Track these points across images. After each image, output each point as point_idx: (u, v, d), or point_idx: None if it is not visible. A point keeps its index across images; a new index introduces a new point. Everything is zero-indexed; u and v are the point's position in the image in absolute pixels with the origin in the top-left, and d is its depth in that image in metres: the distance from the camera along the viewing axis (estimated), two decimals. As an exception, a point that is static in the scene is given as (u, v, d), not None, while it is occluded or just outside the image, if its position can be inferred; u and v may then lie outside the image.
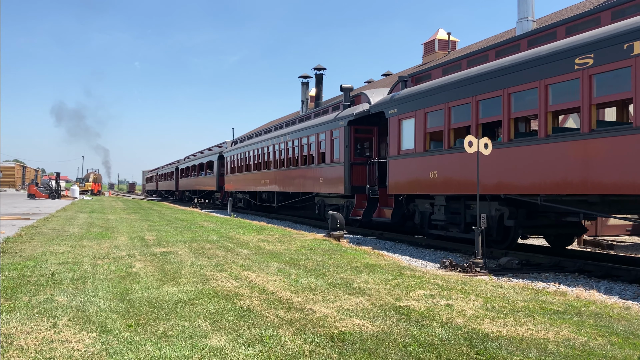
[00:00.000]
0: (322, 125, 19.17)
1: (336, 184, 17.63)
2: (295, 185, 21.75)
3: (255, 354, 4.39)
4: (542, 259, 10.53)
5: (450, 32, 34.34)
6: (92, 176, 79.07)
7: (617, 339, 4.90)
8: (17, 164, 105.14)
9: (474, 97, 11.16)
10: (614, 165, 8.38)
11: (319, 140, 19.42)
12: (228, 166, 34.29)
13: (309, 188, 20.24)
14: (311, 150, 20.21)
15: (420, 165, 12.97)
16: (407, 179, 13.61)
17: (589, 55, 8.76)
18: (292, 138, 22.30)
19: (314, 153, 19.83)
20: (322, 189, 18.87)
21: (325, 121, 18.91)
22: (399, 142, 13.88)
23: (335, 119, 17.99)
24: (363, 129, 17.36)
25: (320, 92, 42.47)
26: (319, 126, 19.52)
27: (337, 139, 17.83)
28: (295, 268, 8.81)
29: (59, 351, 4.37)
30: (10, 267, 8.28)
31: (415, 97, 13.17)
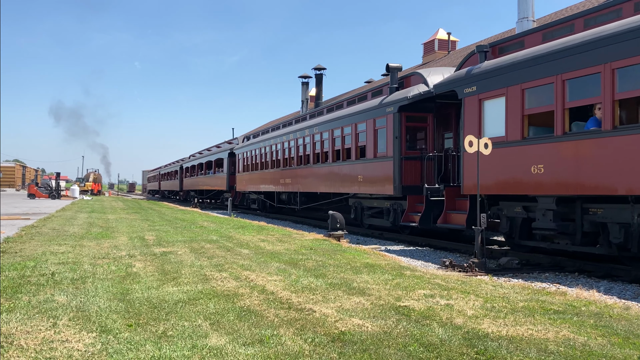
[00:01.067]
0: (361, 113, 16.26)
1: (382, 183, 14.89)
2: (325, 185, 19.02)
3: (255, 354, 4.39)
4: (542, 258, 10.53)
5: (450, 32, 34.35)
6: (92, 176, 79.06)
7: (617, 339, 4.90)
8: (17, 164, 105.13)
9: (608, 64, 8.30)
10: None
11: (356, 132, 16.55)
12: (240, 164, 31.46)
13: (343, 188, 17.48)
14: (346, 143, 17.45)
15: (515, 158, 10.08)
16: (494, 176, 10.58)
17: None
18: (320, 130, 19.37)
19: (351, 147, 16.99)
20: (361, 189, 16.19)
21: (366, 108, 15.94)
22: (479, 128, 10.99)
23: (381, 105, 15.02)
24: (416, 117, 14.49)
25: (320, 92, 42.45)
26: (357, 115, 16.57)
27: (382, 129, 14.96)
28: (295, 268, 8.81)
29: (59, 351, 4.37)
30: (10, 267, 8.28)
31: (509, 70, 10.25)
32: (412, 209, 14.05)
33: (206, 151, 43.62)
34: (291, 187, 22.67)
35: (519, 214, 10.50)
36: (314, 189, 20.11)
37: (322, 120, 19.57)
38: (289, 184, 22.82)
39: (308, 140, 20.70)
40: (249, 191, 29.79)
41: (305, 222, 22.07)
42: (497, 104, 10.65)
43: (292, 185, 22.59)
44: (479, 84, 11.08)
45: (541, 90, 9.72)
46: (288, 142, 23.09)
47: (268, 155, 25.95)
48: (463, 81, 11.60)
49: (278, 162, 24.44)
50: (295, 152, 22.12)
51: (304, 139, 21.10)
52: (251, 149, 29.02)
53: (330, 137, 18.62)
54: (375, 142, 15.37)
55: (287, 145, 23.27)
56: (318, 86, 42.51)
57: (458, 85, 11.80)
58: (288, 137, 23.14)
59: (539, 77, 9.67)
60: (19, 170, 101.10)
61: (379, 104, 15.19)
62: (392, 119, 14.43)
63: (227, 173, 34.19)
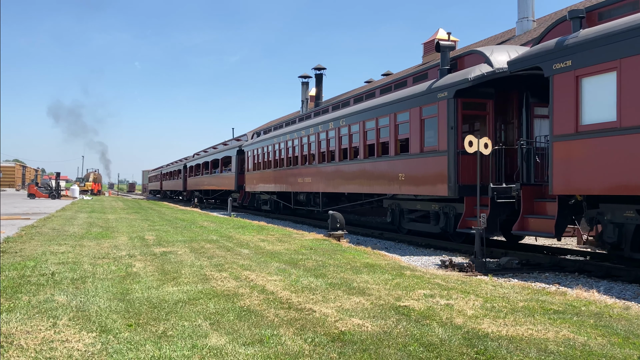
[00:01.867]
0: (403, 101, 13.93)
1: (431, 183, 12.67)
2: (354, 185, 16.75)
3: (255, 353, 4.39)
4: (542, 259, 10.53)
5: (450, 32, 34.33)
6: (92, 176, 79.04)
7: (617, 339, 4.90)
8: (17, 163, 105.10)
9: None
10: None
11: (395, 123, 14.26)
12: (250, 162, 29.02)
13: (379, 188, 15.22)
14: (382, 137, 15.10)
15: (634, 148, 8.11)
16: (597, 172, 8.66)
17: None
18: (349, 123, 17.00)
19: (388, 141, 14.66)
20: (402, 189, 13.94)
21: (409, 95, 13.64)
22: (576, 112, 9.08)
23: (430, 90, 12.74)
24: (474, 104, 12.23)
25: (320, 92, 42.48)
26: (396, 103, 14.26)
27: (432, 119, 12.72)
28: (295, 268, 8.81)
29: (59, 351, 4.37)
30: (10, 267, 8.28)
31: (626, 36, 8.25)
32: (471, 212, 11.68)
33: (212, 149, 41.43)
34: (311, 187, 20.36)
35: (631, 220, 8.52)
36: (339, 188, 17.90)
37: (350, 111, 17.13)
38: (309, 183, 20.48)
39: (332, 135, 18.28)
40: (260, 191, 27.62)
41: (305, 222, 22.06)
42: (602, 82, 8.70)
43: (312, 185, 20.24)
44: (576, 57, 9.08)
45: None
46: (307, 137, 20.55)
47: (283, 151, 23.57)
48: (552, 54, 9.53)
49: (295, 159, 22.03)
50: (317, 148, 19.66)
51: (327, 133, 18.70)
52: (263, 145, 26.69)
53: (361, 130, 16.18)
54: (422, 134, 13.09)
55: (306, 141, 20.76)
56: (318, 86, 42.53)
57: (545, 60, 9.64)
58: (307, 131, 20.55)
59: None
60: (19, 170, 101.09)
61: (428, 89, 12.82)
62: (445, 106, 12.13)
63: (236, 172, 31.80)
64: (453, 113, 11.99)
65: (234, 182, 31.99)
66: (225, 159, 35.75)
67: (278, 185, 24.21)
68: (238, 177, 31.49)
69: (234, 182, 31.89)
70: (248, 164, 29.50)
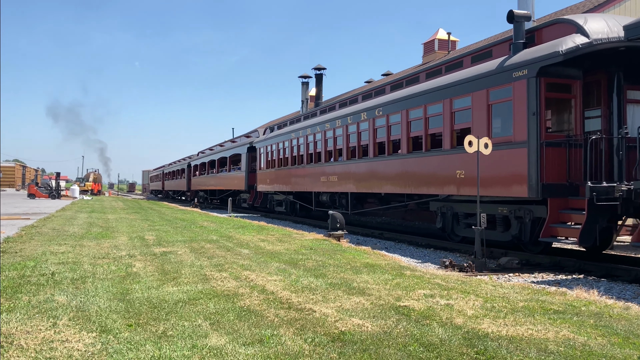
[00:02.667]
0: (462, 84, 11.66)
1: (505, 181, 10.52)
2: (394, 184, 14.47)
3: (255, 353, 4.39)
4: (542, 259, 10.53)
5: (450, 32, 34.33)
6: (92, 176, 79.06)
7: (617, 339, 4.90)
8: (17, 163, 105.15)
9: None
10: None
11: (451, 110, 12.09)
12: (262, 159, 26.67)
13: (430, 188, 12.88)
14: (431, 127, 12.93)
15: None
16: None
17: None
18: (387, 113, 14.74)
19: (442, 131, 12.49)
20: (461, 189, 11.69)
21: (472, 77, 11.39)
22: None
23: (502, 68, 10.51)
24: (559, 85, 10.17)
25: (320, 92, 42.47)
26: (452, 87, 11.98)
27: (503, 104, 10.60)
28: (295, 268, 8.82)
29: (59, 351, 4.37)
30: (10, 267, 8.28)
31: None
32: (557, 218, 9.81)
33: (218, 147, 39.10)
34: (336, 187, 18.01)
35: None
36: (373, 189, 15.62)
37: (387, 100, 14.86)
38: (334, 182, 18.21)
39: (365, 127, 15.99)
40: (275, 191, 25.29)
41: (305, 222, 22.06)
42: None
43: (338, 184, 17.90)
44: None
45: None
46: (333, 130, 18.25)
47: (302, 147, 21.25)
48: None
49: (318, 155, 19.79)
50: (345, 143, 17.37)
51: (359, 126, 16.37)
52: (278, 141, 24.27)
53: (403, 121, 13.92)
54: (489, 122, 10.93)
55: (331, 135, 18.47)
56: (318, 86, 42.52)
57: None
58: (333, 124, 18.27)
59: None
60: (19, 170, 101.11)
61: (499, 68, 10.63)
62: (524, 87, 9.99)
63: (246, 171, 29.47)
64: (535, 96, 9.85)
65: (243, 181, 29.70)
66: (234, 157, 33.67)
67: (296, 185, 21.99)
68: (248, 176, 29.25)
69: (244, 181, 29.54)
70: (260, 161, 27.09)
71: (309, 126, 20.63)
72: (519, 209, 10.69)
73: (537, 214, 10.27)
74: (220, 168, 36.90)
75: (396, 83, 15.53)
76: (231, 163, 34.39)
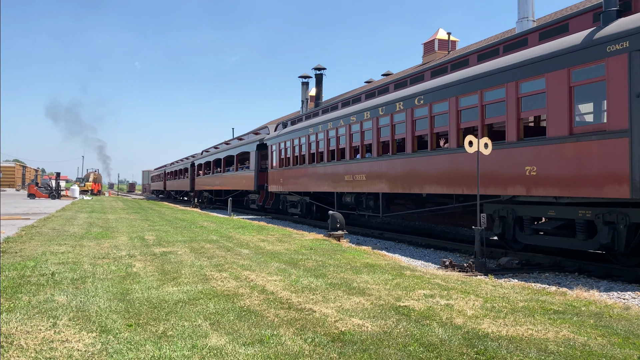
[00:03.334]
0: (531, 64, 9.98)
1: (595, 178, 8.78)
2: (440, 183, 12.51)
3: (255, 353, 4.39)
4: (542, 259, 10.53)
5: (450, 32, 34.36)
6: (92, 176, 79.06)
7: (617, 339, 4.90)
8: (17, 164, 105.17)
9: None
10: None
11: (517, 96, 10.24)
12: (274, 158, 24.97)
13: (488, 188, 10.87)
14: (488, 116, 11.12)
15: None
16: None
17: None
18: (430, 102, 12.82)
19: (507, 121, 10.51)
20: (532, 189, 9.90)
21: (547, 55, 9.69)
22: None
23: (591, 42, 8.92)
24: None
25: (320, 92, 42.50)
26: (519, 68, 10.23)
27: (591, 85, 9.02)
28: (295, 268, 8.81)
29: (59, 351, 4.37)
30: (10, 267, 8.28)
31: None
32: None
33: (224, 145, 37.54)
34: (365, 187, 16.26)
35: None
36: (413, 188, 13.67)
37: (429, 87, 13.06)
38: (361, 181, 16.44)
39: (401, 118, 14.22)
40: (289, 192, 23.51)
41: (305, 222, 22.05)
42: None
43: (367, 184, 16.14)
44: None
45: None
46: (360, 123, 16.37)
47: (322, 143, 19.46)
48: None
49: (341, 152, 18.08)
50: (375, 137, 15.52)
51: (392, 118, 14.59)
52: (292, 137, 22.48)
53: (452, 110, 12.03)
54: (570, 107, 9.26)
55: (357, 129, 16.63)
56: (318, 86, 42.55)
57: None
58: (360, 116, 16.39)
59: None
60: (19, 170, 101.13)
61: (586, 42, 8.98)
62: (624, 63, 8.29)
63: (256, 170, 27.85)
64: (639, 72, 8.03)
65: (253, 181, 27.94)
66: (242, 155, 31.96)
67: (314, 185, 20.17)
68: (258, 175, 27.63)
69: (253, 181, 27.82)
70: (272, 160, 25.28)
71: (330, 120, 18.64)
72: (609, 213, 8.89)
73: (635, 219, 8.54)
74: (226, 167, 35.39)
75: (439, 68, 13.61)
76: (238, 162, 32.79)
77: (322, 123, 19.39)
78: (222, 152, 35.98)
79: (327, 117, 19.21)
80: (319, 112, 21.29)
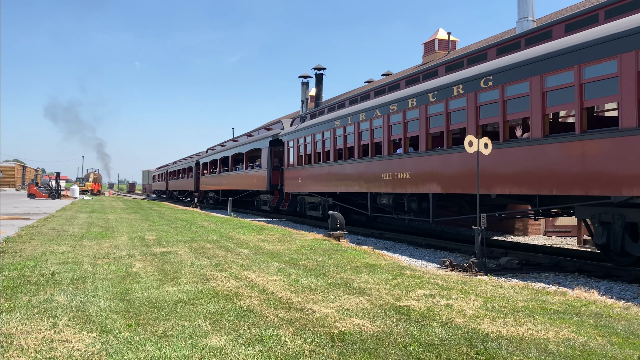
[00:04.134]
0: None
1: None
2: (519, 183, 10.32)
3: (255, 353, 4.39)
4: (542, 259, 10.53)
5: (450, 32, 34.35)
6: (92, 176, 79.07)
7: (617, 339, 4.90)
8: (17, 164, 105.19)
9: None
10: None
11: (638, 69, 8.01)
12: (291, 155, 22.70)
13: (593, 187, 8.84)
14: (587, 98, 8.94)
15: None
16: None
17: None
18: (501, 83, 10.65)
19: (620, 102, 8.40)
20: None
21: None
22: None
23: None
24: None
25: (320, 92, 42.49)
26: None
27: None
28: (295, 268, 8.81)
29: (59, 351, 4.37)
30: (10, 267, 8.28)
31: None
32: None
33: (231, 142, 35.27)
34: (410, 187, 13.81)
35: None
36: (481, 188, 10.81)
37: (500, 65, 10.75)
38: (404, 180, 14.01)
39: (461, 105, 11.81)
40: (309, 192, 21.14)
41: (305, 222, 22.05)
42: None
43: (411, 183, 13.72)
44: None
45: None
46: (402, 113, 14.02)
47: (352, 137, 16.90)
48: None
49: (377, 147, 15.73)
50: (423, 128, 13.18)
51: (447, 104, 12.27)
52: (314, 131, 20.03)
53: (535, 92, 9.84)
54: None
55: (399, 119, 14.21)
56: (318, 86, 42.53)
57: None
58: (403, 104, 14.01)
59: None
60: (19, 170, 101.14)
61: None
62: None
63: (269, 168, 25.67)
64: None
65: (265, 180, 25.81)
66: (252, 152, 29.88)
67: (342, 184, 17.70)
68: (271, 174, 25.52)
69: (266, 180, 25.69)
70: (288, 157, 23.05)
71: (363, 110, 16.16)
72: None
73: None
74: (235, 166, 33.35)
75: (504, 43, 11.40)
76: (248, 160, 30.68)
77: (352, 114, 16.91)
78: (230, 150, 33.91)
79: (358, 108, 16.78)
80: (345, 103, 18.82)
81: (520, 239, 16.09)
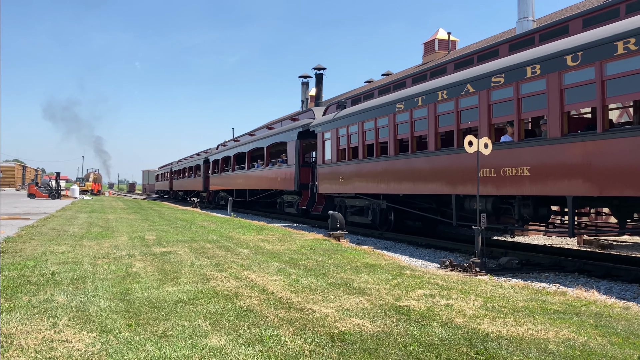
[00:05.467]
0: None
1: None
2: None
3: (255, 353, 4.39)
4: (542, 258, 10.53)
5: (450, 32, 34.36)
6: (92, 176, 79.07)
7: (617, 339, 4.90)
8: (17, 163, 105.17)
9: None
10: None
11: None
12: (328, 149, 18.85)
13: None
14: None
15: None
16: None
17: None
18: None
19: None
20: None
21: None
22: None
23: None
24: None
25: (320, 92, 42.53)
26: None
27: None
28: (295, 268, 8.81)
29: (59, 351, 4.37)
30: (10, 267, 8.28)
31: None
32: None
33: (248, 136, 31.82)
34: (527, 186, 10.07)
35: None
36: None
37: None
38: (518, 178, 10.23)
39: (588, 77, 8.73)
40: (354, 193, 17.27)
41: (305, 222, 22.04)
42: None
43: (531, 181, 9.94)
44: None
45: None
46: (516, 85, 10.12)
47: (424, 123, 13.08)
48: None
49: (464, 132, 12.12)
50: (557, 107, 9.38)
51: (562, 78, 9.23)
52: (362, 119, 16.08)
53: None
54: None
55: (502, 96, 10.59)
56: (318, 86, 42.57)
57: None
58: (513, 75, 10.17)
59: None
60: (19, 170, 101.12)
61: None
62: None
63: (297, 164, 21.95)
64: None
65: (292, 179, 22.13)
66: (274, 147, 26.39)
67: (409, 184, 13.86)
68: (300, 171, 21.98)
69: (294, 178, 22.01)
70: (323, 152, 19.23)
71: (443, 87, 12.22)
72: None
73: None
74: (251, 163, 29.59)
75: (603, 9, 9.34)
76: (270, 156, 26.84)
77: (424, 94, 12.97)
78: (246, 145, 29.85)
79: (433, 85, 12.77)
80: (407, 81, 14.99)
81: (520, 239, 16.10)
